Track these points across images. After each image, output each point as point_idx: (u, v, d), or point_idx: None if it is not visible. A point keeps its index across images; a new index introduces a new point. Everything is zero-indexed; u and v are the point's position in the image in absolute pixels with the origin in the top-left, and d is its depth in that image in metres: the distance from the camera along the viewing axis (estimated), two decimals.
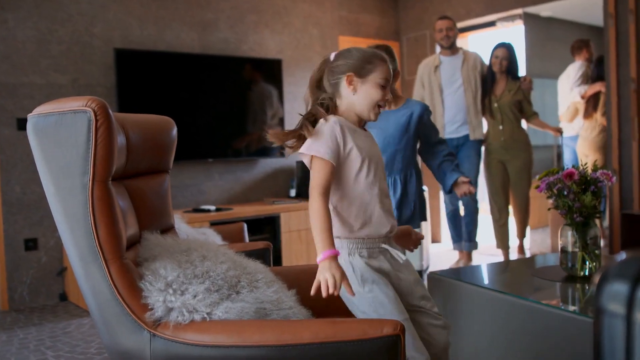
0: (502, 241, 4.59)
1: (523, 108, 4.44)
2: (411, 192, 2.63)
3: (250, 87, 4.81)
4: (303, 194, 4.87)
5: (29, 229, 3.96)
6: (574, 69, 4.99)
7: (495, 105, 4.41)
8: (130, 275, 1.42)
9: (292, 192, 5.04)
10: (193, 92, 4.50)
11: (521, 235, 4.74)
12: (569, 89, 4.99)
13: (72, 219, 1.41)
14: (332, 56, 1.69)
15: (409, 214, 2.64)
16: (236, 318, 1.42)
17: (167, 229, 1.85)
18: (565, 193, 2.30)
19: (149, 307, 1.40)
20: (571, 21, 5.56)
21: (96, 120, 1.37)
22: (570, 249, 2.31)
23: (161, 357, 1.38)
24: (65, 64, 4.09)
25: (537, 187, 2.40)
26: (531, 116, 4.47)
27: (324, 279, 1.42)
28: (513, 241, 4.75)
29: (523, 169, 4.48)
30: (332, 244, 1.48)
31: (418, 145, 2.74)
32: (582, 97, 4.86)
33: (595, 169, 2.32)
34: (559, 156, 5.12)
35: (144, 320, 1.39)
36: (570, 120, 5.01)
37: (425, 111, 2.62)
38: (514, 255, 4.71)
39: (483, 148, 4.56)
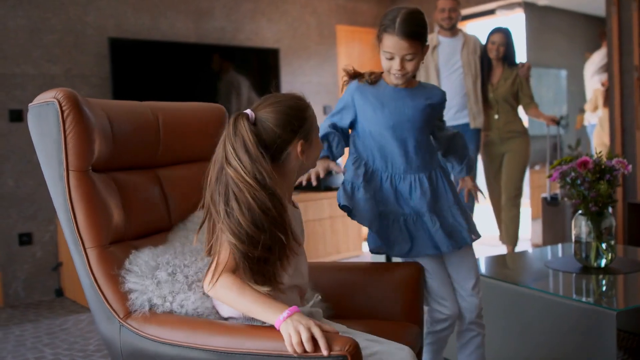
0: (507, 236, 4.46)
1: (519, 97, 4.17)
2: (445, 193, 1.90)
3: (246, 76, 4.72)
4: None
5: (23, 223, 3.87)
6: (599, 56, 4.80)
7: (491, 95, 4.18)
8: (110, 263, 1.42)
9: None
10: (189, 81, 4.41)
11: (513, 241, 4.30)
12: (590, 76, 4.82)
13: (59, 206, 1.46)
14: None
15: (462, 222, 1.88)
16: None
17: None
18: (580, 182, 2.25)
19: (128, 299, 1.40)
20: (569, 10, 5.52)
21: (62, 111, 1.39)
22: (584, 239, 2.27)
23: (129, 348, 1.39)
24: (58, 53, 3.98)
25: (550, 176, 2.35)
26: (528, 104, 4.18)
27: (296, 333, 1.18)
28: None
29: (517, 160, 4.21)
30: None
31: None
32: (603, 85, 4.70)
33: (610, 157, 2.27)
34: (555, 147, 5.02)
35: (115, 309, 1.39)
36: (594, 110, 4.83)
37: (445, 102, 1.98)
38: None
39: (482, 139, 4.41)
